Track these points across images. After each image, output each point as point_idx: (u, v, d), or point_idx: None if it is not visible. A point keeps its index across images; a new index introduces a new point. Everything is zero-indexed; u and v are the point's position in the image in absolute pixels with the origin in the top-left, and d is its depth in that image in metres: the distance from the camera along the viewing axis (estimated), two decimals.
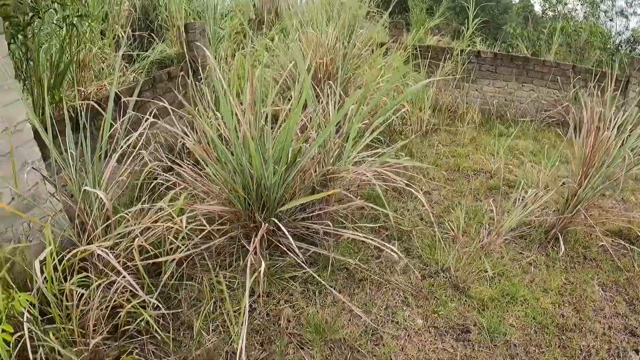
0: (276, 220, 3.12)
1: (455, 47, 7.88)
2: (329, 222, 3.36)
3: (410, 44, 7.16)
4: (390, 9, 6.31)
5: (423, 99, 6.49)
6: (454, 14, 12.86)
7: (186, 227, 2.87)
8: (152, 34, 6.36)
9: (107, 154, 3.15)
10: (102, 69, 4.92)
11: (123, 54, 4.53)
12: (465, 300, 3.32)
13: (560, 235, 4.00)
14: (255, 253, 2.88)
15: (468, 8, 7.46)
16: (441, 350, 2.91)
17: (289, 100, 4.37)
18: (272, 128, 3.44)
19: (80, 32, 4.29)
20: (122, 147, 3.19)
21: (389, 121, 5.35)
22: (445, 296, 3.34)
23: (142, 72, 5.10)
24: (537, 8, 14.15)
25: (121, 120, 3.31)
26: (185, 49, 5.03)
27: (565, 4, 12.07)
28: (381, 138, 5.07)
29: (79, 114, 3.16)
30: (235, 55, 5.72)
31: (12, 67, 2.69)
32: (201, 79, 4.85)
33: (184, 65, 5.26)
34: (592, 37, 9.52)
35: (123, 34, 5.41)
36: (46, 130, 2.80)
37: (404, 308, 3.23)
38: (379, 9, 8.61)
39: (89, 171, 2.98)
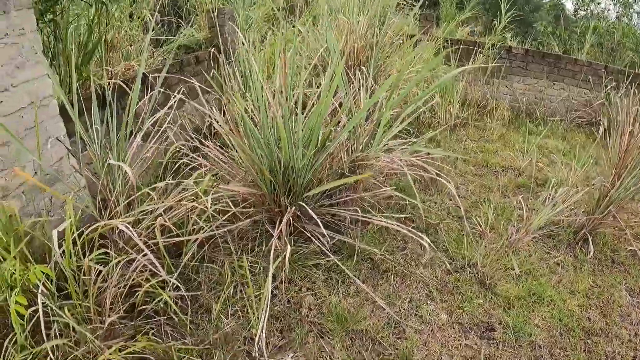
0: (304, 205, 3.05)
1: (486, 42, 7.77)
2: (357, 209, 3.30)
3: (441, 37, 7.06)
4: (420, 2, 6.24)
5: (452, 92, 6.39)
6: (483, 10, 12.72)
7: (211, 207, 2.82)
8: (180, 20, 6.35)
9: (132, 133, 3.11)
10: (130, 51, 4.90)
11: (150, 38, 4.52)
12: (491, 298, 3.24)
13: (589, 237, 3.91)
14: (280, 238, 2.83)
15: (501, 0, 7.36)
16: (464, 347, 2.84)
17: (318, 87, 4.31)
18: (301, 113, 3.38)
19: (110, 12, 4.26)
20: (147, 125, 3.15)
21: (419, 112, 5.28)
22: (471, 292, 3.26)
23: (169, 54, 5.08)
24: (569, 6, 13.93)
25: (148, 96, 3.27)
26: (217, 32, 5.03)
27: (599, 3, 11.85)
28: (410, 129, 5.00)
29: (106, 93, 3.13)
30: (264, 41, 5.69)
31: (40, 42, 2.67)
32: (230, 62, 4.82)
33: (212, 48, 5.23)
34: (624, 38, 9.32)
35: (151, 17, 5.40)
36: (72, 106, 2.77)
37: (428, 302, 3.15)
38: (409, 1, 8.52)
39: (113, 147, 2.94)
